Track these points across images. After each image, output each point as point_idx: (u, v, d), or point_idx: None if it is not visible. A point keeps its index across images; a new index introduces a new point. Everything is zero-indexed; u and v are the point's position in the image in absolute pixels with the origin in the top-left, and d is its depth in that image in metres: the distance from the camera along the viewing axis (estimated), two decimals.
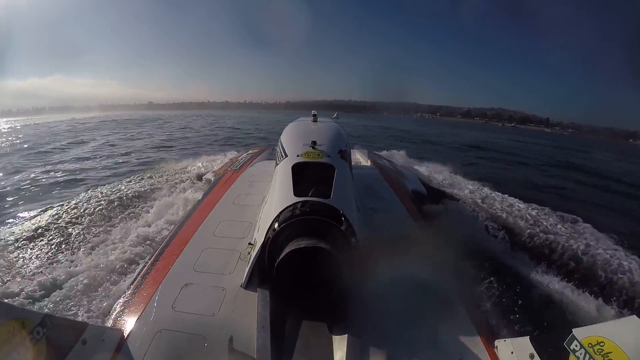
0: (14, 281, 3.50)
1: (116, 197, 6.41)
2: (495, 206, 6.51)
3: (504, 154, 19.11)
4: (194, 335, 1.83)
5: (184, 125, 29.48)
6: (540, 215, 6.11)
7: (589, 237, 5.20)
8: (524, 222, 5.74)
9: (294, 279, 1.97)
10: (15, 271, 3.84)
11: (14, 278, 3.62)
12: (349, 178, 2.92)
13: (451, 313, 2.07)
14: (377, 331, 1.89)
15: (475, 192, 7.43)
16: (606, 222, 6.07)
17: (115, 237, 4.43)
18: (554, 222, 5.81)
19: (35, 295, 3.18)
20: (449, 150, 18.79)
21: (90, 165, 10.93)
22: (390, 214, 3.66)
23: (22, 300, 3.10)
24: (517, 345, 1.65)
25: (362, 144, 10.10)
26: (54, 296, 3.09)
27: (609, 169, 17.31)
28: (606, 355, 1.23)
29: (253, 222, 2.97)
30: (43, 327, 1.33)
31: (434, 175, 8.68)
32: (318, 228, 2.04)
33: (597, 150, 30.99)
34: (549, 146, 29.31)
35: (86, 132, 22.87)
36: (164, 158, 10.47)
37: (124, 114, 54.15)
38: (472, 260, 3.62)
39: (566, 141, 43.75)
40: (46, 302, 3.03)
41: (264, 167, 5.02)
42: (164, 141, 17.78)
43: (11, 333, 1.19)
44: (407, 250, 2.58)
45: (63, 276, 3.39)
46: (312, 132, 3.43)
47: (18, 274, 3.78)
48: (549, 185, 10.96)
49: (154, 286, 2.23)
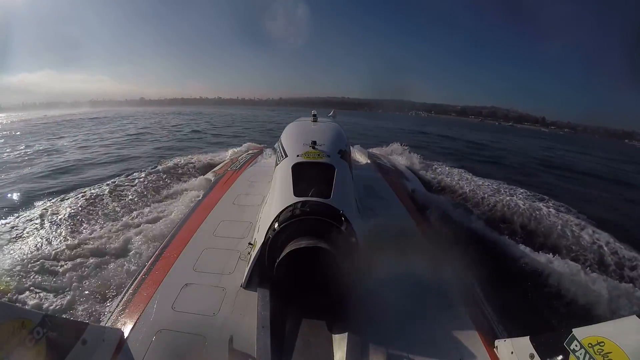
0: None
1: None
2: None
3: (587, 175, 14.17)
4: (194, 335, 1.83)
5: (144, 125, 24.19)
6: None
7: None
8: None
9: (294, 278, 1.97)
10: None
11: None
12: (349, 178, 2.92)
13: (451, 313, 2.08)
14: (377, 331, 1.89)
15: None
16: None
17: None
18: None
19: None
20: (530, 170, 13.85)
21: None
22: (390, 214, 3.66)
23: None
24: (517, 345, 1.65)
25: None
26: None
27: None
28: (606, 355, 1.23)
29: (253, 222, 2.97)
30: (43, 327, 1.33)
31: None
32: (318, 228, 2.04)
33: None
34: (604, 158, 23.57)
35: (38, 134, 18.57)
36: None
37: (103, 110, 51.19)
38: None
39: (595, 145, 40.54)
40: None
41: (264, 167, 5.02)
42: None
43: (11, 333, 1.19)
44: (407, 250, 2.58)
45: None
46: (312, 132, 3.43)
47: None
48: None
49: (154, 286, 2.23)
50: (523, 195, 7.35)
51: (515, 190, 7.74)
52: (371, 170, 5.90)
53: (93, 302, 3.13)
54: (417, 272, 2.32)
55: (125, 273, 3.51)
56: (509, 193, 7.45)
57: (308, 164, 2.68)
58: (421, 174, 8.13)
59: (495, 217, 6.03)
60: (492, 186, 7.97)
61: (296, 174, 2.53)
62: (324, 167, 2.65)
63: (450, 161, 11.12)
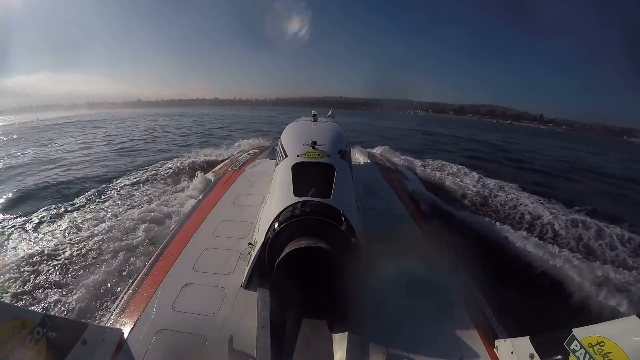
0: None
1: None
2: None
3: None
4: (194, 335, 1.83)
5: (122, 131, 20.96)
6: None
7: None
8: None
9: (294, 278, 1.97)
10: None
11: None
12: (349, 178, 2.92)
13: (451, 313, 2.08)
14: (377, 331, 1.89)
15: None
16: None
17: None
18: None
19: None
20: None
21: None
22: (390, 214, 3.66)
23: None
24: (517, 345, 1.65)
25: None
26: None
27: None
28: (606, 355, 1.23)
29: (253, 222, 2.97)
30: (43, 327, 1.32)
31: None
32: (318, 228, 2.04)
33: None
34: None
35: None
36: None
37: (97, 113, 50.41)
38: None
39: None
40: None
41: (264, 167, 5.02)
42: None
43: (11, 333, 1.19)
44: (407, 250, 2.58)
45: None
46: (312, 132, 3.43)
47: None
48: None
49: (154, 286, 2.23)
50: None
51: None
52: (371, 170, 5.90)
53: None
54: (417, 272, 2.32)
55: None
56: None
57: (308, 164, 2.68)
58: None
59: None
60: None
61: (296, 174, 2.53)
62: (324, 167, 2.65)
63: (482, 171, 9.73)
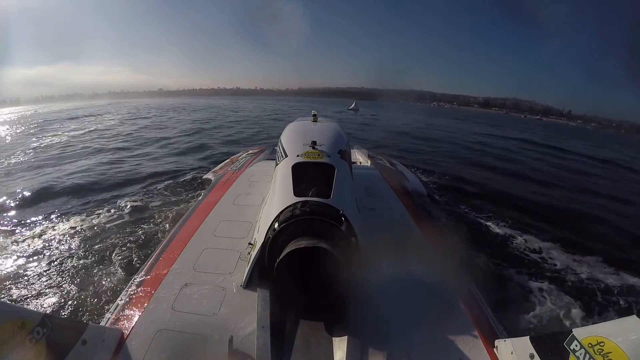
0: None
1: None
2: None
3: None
4: (194, 335, 1.83)
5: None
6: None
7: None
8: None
9: (294, 279, 1.97)
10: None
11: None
12: (349, 178, 2.92)
13: (451, 313, 2.07)
14: (377, 331, 1.89)
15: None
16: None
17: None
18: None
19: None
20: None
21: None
22: (390, 214, 3.66)
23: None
24: (517, 345, 1.65)
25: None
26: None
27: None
28: (606, 355, 1.23)
29: (253, 222, 2.97)
30: (43, 327, 1.32)
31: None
32: (318, 228, 2.03)
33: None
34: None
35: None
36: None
37: (117, 102, 51.06)
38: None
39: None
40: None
41: (264, 167, 5.02)
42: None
43: (11, 333, 1.19)
44: (407, 251, 2.58)
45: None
46: (312, 132, 3.43)
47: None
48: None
49: (154, 286, 2.23)
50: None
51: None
52: (371, 170, 5.89)
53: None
54: (417, 273, 2.32)
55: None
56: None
57: (308, 164, 2.68)
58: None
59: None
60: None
61: (296, 174, 2.53)
62: (324, 167, 2.65)
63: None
